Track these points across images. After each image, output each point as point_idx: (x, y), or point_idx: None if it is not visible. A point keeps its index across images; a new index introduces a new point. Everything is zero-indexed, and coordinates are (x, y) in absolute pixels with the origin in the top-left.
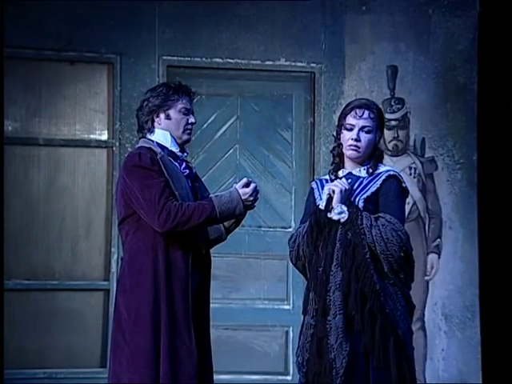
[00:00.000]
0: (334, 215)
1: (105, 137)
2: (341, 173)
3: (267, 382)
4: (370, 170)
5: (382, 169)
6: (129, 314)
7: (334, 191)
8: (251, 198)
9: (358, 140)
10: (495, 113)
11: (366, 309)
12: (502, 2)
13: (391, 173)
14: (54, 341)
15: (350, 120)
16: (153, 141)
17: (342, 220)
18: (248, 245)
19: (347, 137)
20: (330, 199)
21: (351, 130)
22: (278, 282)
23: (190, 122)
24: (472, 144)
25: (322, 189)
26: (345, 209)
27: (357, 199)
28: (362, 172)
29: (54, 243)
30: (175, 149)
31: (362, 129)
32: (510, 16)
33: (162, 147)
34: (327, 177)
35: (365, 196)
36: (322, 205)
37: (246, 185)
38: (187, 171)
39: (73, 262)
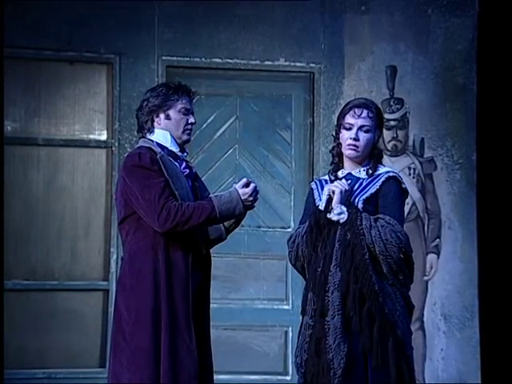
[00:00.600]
0: (333, 216)
1: (104, 137)
2: (340, 173)
3: (266, 382)
4: (370, 171)
5: (381, 170)
6: (129, 313)
7: (333, 192)
8: (251, 198)
9: (356, 139)
10: (494, 113)
11: (365, 309)
12: (501, 2)
13: (391, 174)
14: (53, 341)
15: (349, 119)
16: (152, 141)
17: (342, 221)
18: (247, 245)
19: (346, 136)
20: (329, 200)
21: (350, 129)
22: (278, 282)
23: (189, 122)
24: (471, 144)
25: (322, 189)
26: (344, 209)
27: (356, 200)
28: (361, 173)
29: (53, 243)
30: (175, 149)
31: (360, 128)
32: (509, 16)
33: (162, 147)
34: (326, 177)
35: (364, 197)
36: (321, 205)
37: (246, 185)
38: (187, 171)
39: (72, 262)
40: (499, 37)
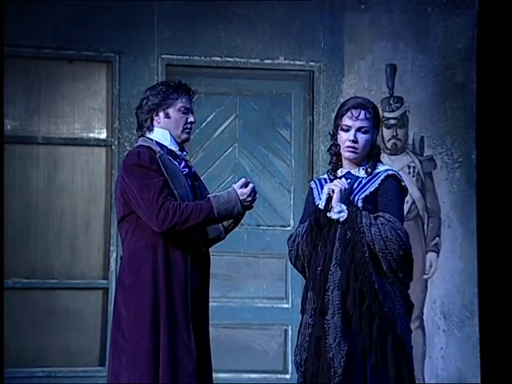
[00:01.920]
0: (333, 214)
1: (104, 135)
2: (339, 172)
3: (266, 381)
4: (369, 170)
5: (380, 168)
6: (128, 312)
7: (333, 191)
8: (249, 199)
9: (355, 141)
10: (494, 111)
11: (364, 307)
12: (501, 1)
13: (390, 172)
14: (53, 339)
15: (347, 121)
16: (152, 139)
17: (342, 219)
18: (247, 243)
19: (344, 138)
20: (329, 199)
21: (348, 130)
22: (277, 281)
23: (189, 121)
24: (471, 143)
25: (321, 188)
26: (344, 208)
27: (356, 198)
28: (360, 172)
29: (52, 242)
30: (174, 148)
31: (358, 129)
32: (509, 14)
33: (162, 146)
34: (326, 176)
35: (363, 195)
36: (321, 204)
37: (245, 185)
38: (186, 170)
39: (72, 261)
40: (499, 35)
